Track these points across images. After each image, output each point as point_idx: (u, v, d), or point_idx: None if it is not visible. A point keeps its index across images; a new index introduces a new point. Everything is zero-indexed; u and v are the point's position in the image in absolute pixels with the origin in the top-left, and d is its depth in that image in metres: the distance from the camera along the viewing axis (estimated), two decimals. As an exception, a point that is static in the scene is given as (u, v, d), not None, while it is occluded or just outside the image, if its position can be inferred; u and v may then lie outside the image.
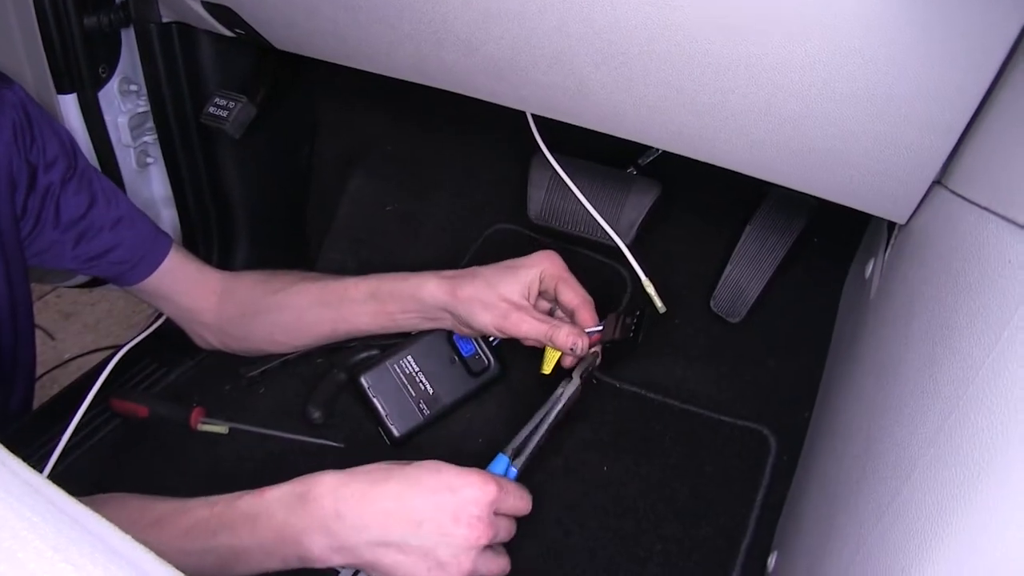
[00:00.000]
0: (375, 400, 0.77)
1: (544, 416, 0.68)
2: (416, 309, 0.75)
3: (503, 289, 0.70)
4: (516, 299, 0.70)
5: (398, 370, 0.78)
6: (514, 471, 0.65)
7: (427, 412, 0.78)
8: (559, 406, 0.68)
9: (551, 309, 0.77)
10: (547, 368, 0.75)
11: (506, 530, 0.61)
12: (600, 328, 0.72)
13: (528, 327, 0.69)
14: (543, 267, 0.72)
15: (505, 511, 0.61)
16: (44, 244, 0.71)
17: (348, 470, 0.60)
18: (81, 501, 0.67)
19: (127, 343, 0.85)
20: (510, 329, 0.69)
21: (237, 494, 0.59)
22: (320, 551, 0.57)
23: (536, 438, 0.66)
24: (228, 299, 0.82)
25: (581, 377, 0.69)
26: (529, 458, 0.66)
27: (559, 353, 0.73)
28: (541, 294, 0.74)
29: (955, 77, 0.42)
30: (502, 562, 0.61)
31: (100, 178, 0.76)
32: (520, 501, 0.62)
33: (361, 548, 0.56)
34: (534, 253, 0.73)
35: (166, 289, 0.80)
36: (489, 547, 0.60)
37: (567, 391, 0.69)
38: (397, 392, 0.77)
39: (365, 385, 0.77)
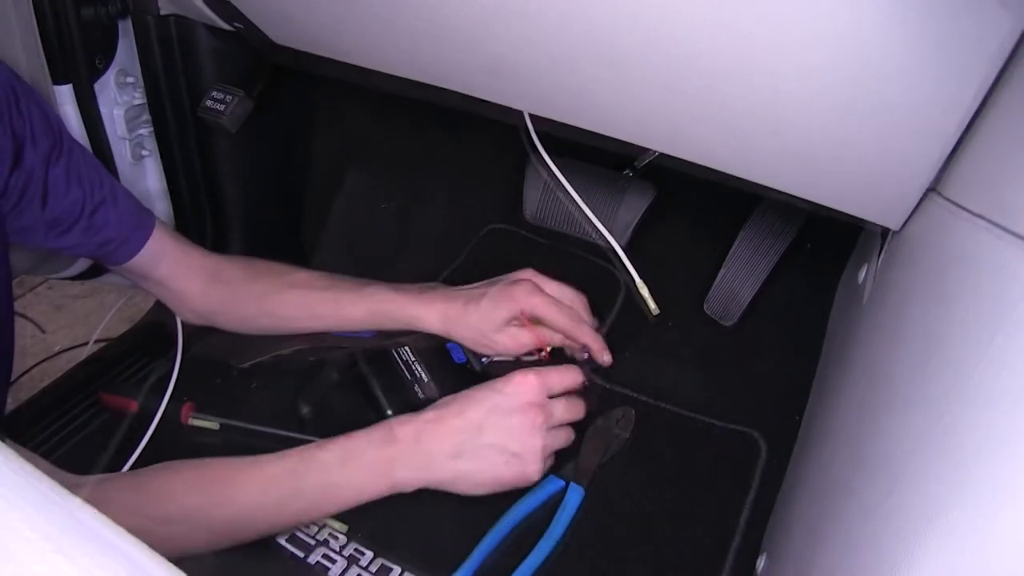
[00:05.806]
0: (371, 379, 0.77)
1: None
2: (414, 331, 0.79)
3: (493, 334, 0.77)
4: (509, 338, 0.77)
5: (397, 357, 0.79)
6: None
7: (422, 396, 0.78)
8: None
9: None
10: None
11: (562, 409, 0.68)
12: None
13: (530, 341, 0.77)
14: (520, 308, 0.76)
15: (558, 390, 0.69)
16: (27, 222, 0.70)
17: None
18: (138, 473, 0.64)
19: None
20: (522, 350, 0.78)
21: (320, 442, 0.64)
22: (410, 475, 0.64)
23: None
24: (214, 288, 0.82)
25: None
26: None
27: None
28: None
29: (950, 85, 0.42)
30: (563, 435, 0.70)
31: (86, 156, 0.74)
32: (565, 377, 0.69)
33: (442, 464, 0.64)
34: (510, 288, 0.76)
35: (152, 269, 0.79)
36: (553, 428, 0.68)
37: None
38: (395, 377, 0.78)
39: (363, 368, 0.78)
